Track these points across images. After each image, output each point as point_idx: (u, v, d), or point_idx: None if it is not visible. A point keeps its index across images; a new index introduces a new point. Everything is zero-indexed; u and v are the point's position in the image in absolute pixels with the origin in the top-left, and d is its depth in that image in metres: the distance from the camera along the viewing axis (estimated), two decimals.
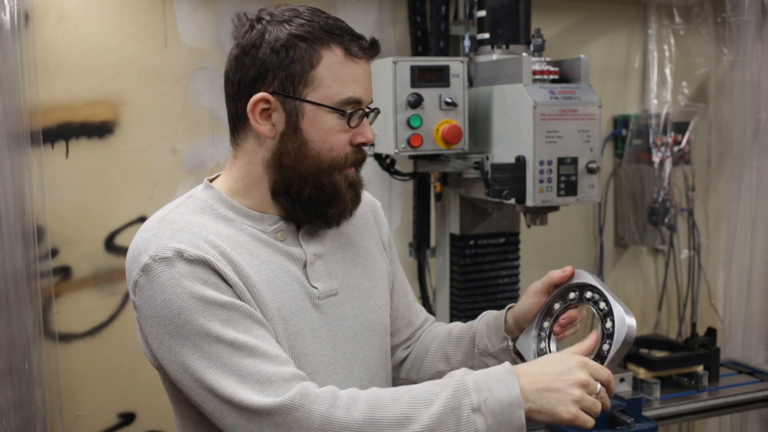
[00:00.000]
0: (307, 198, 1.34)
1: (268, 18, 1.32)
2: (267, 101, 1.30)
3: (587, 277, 1.41)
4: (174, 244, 1.24)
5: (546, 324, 1.44)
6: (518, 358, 1.49)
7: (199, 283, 1.22)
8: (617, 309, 1.31)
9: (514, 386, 1.19)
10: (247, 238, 1.33)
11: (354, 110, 1.34)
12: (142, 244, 1.28)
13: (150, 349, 1.29)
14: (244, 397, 1.17)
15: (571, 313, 1.45)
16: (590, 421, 1.23)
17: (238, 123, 1.35)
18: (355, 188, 1.40)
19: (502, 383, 1.19)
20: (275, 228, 1.37)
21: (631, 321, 1.29)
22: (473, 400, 1.18)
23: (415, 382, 1.38)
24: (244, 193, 1.37)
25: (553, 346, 1.43)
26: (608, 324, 1.33)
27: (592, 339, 1.33)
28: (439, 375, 1.46)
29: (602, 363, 1.30)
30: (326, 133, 1.33)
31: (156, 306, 1.22)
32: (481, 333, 1.57)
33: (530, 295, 1.48)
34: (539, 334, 1.44)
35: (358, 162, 1.39)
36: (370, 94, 1.39)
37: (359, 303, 1.46)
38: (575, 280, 1.43)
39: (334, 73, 1.32)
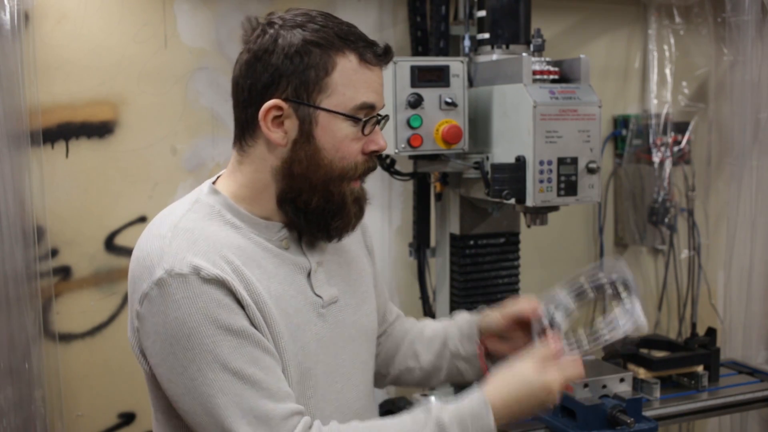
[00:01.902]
0: (314, 208, 1.33)
1: (280, 22, 1.30)
2: (279, 108, 1.28)
3: (626, 273, 1.52)
4: (191, 259, 1.20)
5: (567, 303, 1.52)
6: (489, 360, 1.58)
7: (213, 305, 1.19)
8: (637, 312, 1.42)
9: (489, 420, 1.28)
10: (255, 248, 1.31)
11: (368, 117, 1.33)
12: (155, 253, 1.23)
13: (146, 359, 1.29)
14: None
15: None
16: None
17: (246, 129, 1.32)
18: (360, 203, 1.38)
19: (476, 419, 1.28)
20: (280, 236, 1.36)
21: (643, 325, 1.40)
22: None
23: (384, 377, 1.60)
24: (250, 200, 1.34)
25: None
26: (622, 321, 1.41)
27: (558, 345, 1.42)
28: (408, 371, 1.61)
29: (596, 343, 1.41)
30: (339, 141, 1.31)
31: (166, 323, 1.20)
32: (453, 337, 1.62)
33: (499, 317, 1.57)
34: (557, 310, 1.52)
35: (368, 172, 1.38)
36: (383, 101, 1.38)
37: (355, 309, 1.47)
38: (613, 273, 1.54)
39: (348, 80, 1.30)
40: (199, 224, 1.28)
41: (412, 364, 1.65)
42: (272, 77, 1.28)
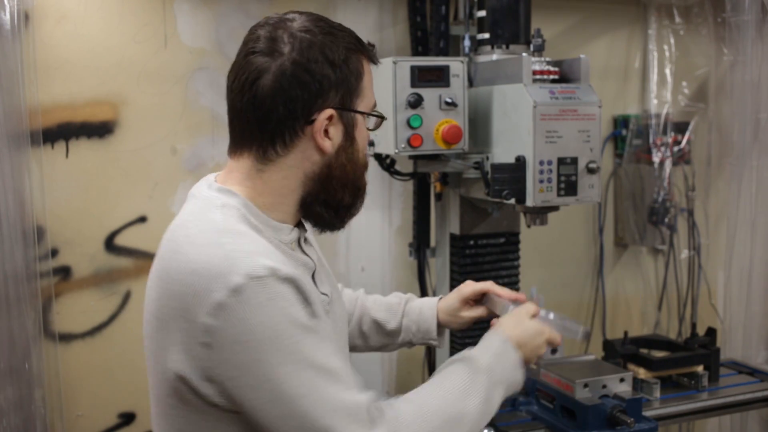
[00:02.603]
0: (345, 204, 1.37)
1: (305, 33, 1.29)
2: (331, 117, 1.30)
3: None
4: (264, 261, 1.17)
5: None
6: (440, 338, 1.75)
7: (290, 305, 1.18)
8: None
9: (515, 355, 1.48)
10: (277, 251, 1.29)
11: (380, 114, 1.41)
12: (219, 261, 1.17)
13: (207, 381, 1.18)
14: (339, 430, 1.18)
15: None
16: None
17: (277, 138, 1.29)
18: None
19: (505, 357, 1.47)
20: (291, 237, 1.36)
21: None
22: (496, 379, 1.42)
23: None
24: (270, 206, 1.32)
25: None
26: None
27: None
28: (352, 350, 1.69)
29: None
30: (365, 139, 1.39)
31: (250, 329, 1.14)
32: (407, 329, 1.73)
33: (461, 298, 1.72)
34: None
35: None
36: None
37: (339, 302, 1.52)
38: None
39: (369, 82, 1.37)
40: (243, 227, 1.26)
41: (359, 343, 1.76)
42: (321, 87, 1.28)
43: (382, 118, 1.40)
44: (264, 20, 1.34)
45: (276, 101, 1.26)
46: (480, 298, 1.73)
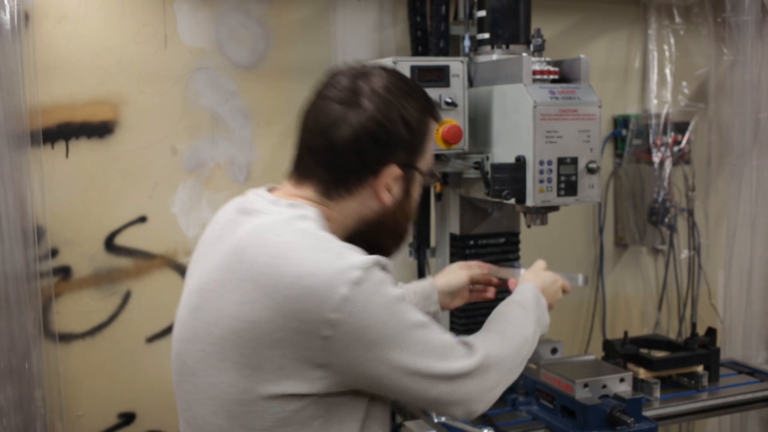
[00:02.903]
0: (386, 249, 1.47)
1: (386, 92, 1.38)
2: (395, 174, 1.40)
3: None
4: (366, 256, 1.29)
5: None
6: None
7: (390, 285, 1.31)
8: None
9: (544, 300, 1.74)
10: None
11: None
12: (331, 260, 1.27)
13: (324, 369, 1.28)
14: (448, 369, 1.35)
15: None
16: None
17: (342, 183, 1.39)
18: None
19: (540, 302, 1.71)
20: None
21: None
22: (536, 317, 1.67)
23: None
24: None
25: None
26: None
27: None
28: None
29: None
30: (419, 194, 1.50)
31: (373, 312, 1.27)
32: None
33: (460, 277, 1.90)
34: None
35: None
36: None
37: None
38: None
39: (432, 142, 1.47)
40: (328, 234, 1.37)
41: None
42: (393, 145, 1.38)
43: (438, 178, 1.59)
44: (346, 68, 1.44)
45: (350, 151, 1.36)
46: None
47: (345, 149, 1.36)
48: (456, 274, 1.91)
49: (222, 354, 1.31)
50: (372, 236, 1.44)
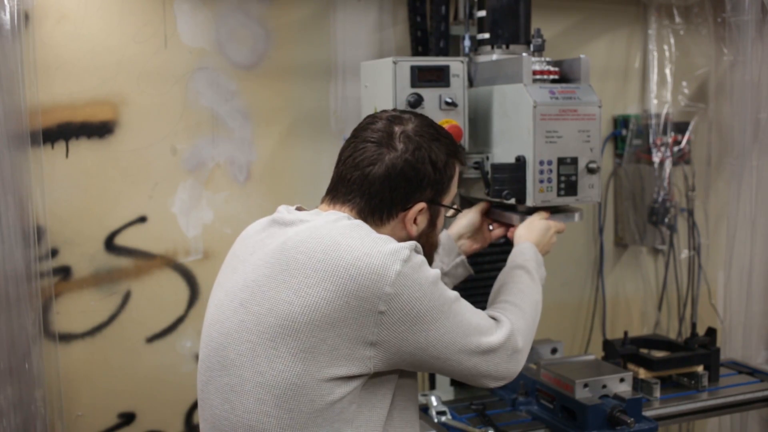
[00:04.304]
0: None
1: (417, 136, 1.57)
2: (422, 209, 1.58)
3: None
4: (404, 242, 1.46)
5: None
6: (469, 266, 2.15)
7: (428, 266, 1.48)
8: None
9: (540, 258, 1.96)
10: None
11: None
12: (384, 243, 1.43)
13: (376, 347, 1.42)
14: (482, 343, 1.52)
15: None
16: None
17: (375, 213, 1.57)
18: None
19: (538, 258, 1.94)
20: None
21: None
22: (538, 276, 1.89)
23: None
24: None
25: None
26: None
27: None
28: None
29: None
30: (442, 224, 1.69)
31: (422, 285, 1.43)
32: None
33: (474, 216, 2.15)
34: None
35: None
36: None
37: None
38: None
39: (456, 180, 1.66)
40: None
41: None
42: (421, 184, 1.57)
43: (459, 211, 1.89)
44: (383, 113, 1.63)
45: (383, 187, 1.55)
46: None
47: (379, 185, 1.54)
48: (466, 216, 2.14)
49: (275, 341, 1.41)
50: None
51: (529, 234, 2.00)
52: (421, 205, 1.57)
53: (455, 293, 1.52)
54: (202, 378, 1.55)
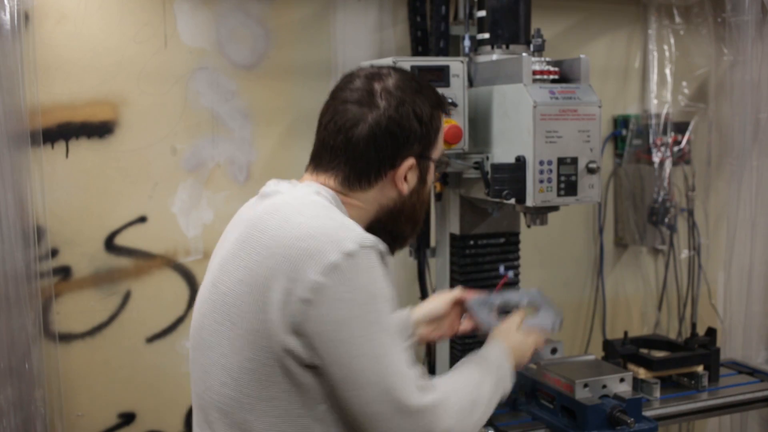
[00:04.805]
0: (405, 235, 1.58)
1: (399, 91, 1.47)
2: (411, 165, 1.49)
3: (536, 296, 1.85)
4: (369, 236, 1.35)
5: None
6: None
7: (382, 276, 1.35)
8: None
9: (510, 366, 1.64)
10: None
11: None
12: (335, 229, 1.33)
13: (294, 335, 1.29)
14: (403, 394, 1.32)
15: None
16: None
17: (362, 176, 1.47)
18: None
19: (503, 366, 1.63)
20: None
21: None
22: (497, 379, 1.60)
23: None
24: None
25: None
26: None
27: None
28: None
29: None
30: (432, 181, 1.58)
31: (355, 289, 1.30)
32: None
33: (441, 303, 1.86)
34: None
35: None
36: None
37: None
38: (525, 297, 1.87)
39: (442, 133, 1.57)
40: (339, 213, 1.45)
41: None
42: (408, 140, 1.48)
43: (448, 164, 1.69)
44: (360, 70, 1.53)
45: (368, 148, 1.46)
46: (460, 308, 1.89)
47: (364, 146, 1.45)
48: (436, 302, 1.88)
49: (233, 322, 1.35)
50: (390, 222, 1.53)
51: (505, 338, 1.72)
52: (411, 161, 1.49)
53: (399, 328, 1.38)
54: (190, 354, 1.52)
